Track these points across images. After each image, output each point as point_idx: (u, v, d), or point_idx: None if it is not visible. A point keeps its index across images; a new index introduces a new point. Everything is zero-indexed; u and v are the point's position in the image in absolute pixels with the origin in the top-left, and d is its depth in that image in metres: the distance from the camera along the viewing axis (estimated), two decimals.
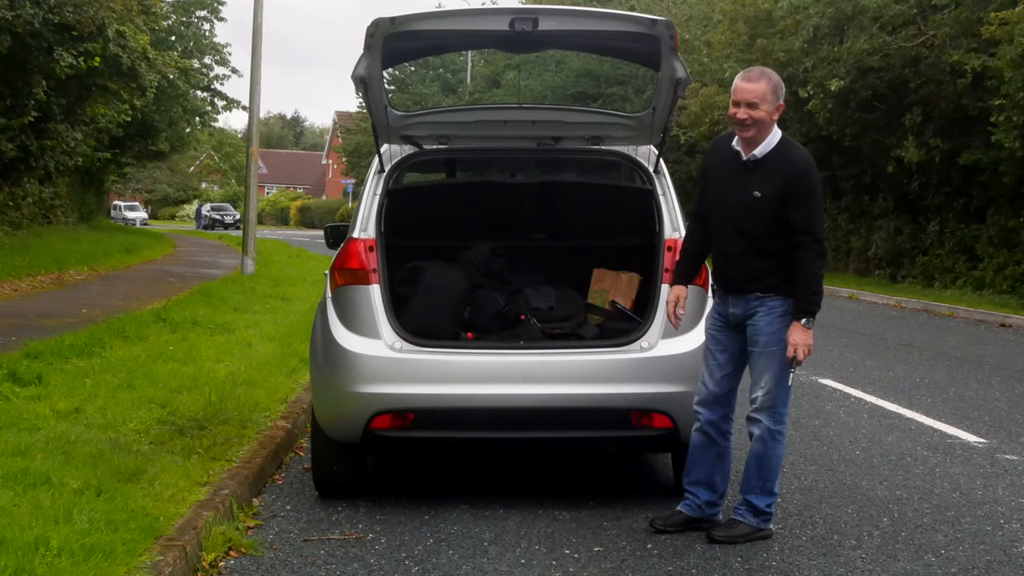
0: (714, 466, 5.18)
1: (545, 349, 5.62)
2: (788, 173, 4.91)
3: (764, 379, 4.99)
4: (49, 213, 30.15)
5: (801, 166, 4.96)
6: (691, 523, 5.18)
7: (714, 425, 5.14)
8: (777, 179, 4.91)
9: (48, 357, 8.38)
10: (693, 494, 5.21)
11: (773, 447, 5.02)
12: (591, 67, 36.26)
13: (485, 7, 6.40)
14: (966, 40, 19.23)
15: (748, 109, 4.89)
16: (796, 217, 4.88)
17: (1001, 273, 19.50)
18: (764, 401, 4.99)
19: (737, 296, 5.06)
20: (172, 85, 30.24)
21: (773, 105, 4.92)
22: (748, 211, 4.97)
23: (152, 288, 16.62)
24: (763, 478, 5.05)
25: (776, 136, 5.00)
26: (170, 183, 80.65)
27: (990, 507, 5.78)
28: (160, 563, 4.17)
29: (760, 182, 4.94)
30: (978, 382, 10.13)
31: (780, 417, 5.02)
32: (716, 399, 5.12)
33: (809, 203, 4.92)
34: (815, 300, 4.90)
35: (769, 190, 4.91)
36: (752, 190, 4.95)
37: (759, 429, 5.01)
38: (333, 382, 5.46)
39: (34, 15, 17.15)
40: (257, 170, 20.45)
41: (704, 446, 5.17)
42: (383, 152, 6.05)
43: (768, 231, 4.95)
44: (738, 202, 5.00)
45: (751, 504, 5.08)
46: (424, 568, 4.65)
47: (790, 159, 4.96)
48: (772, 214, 4.92)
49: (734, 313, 5.08)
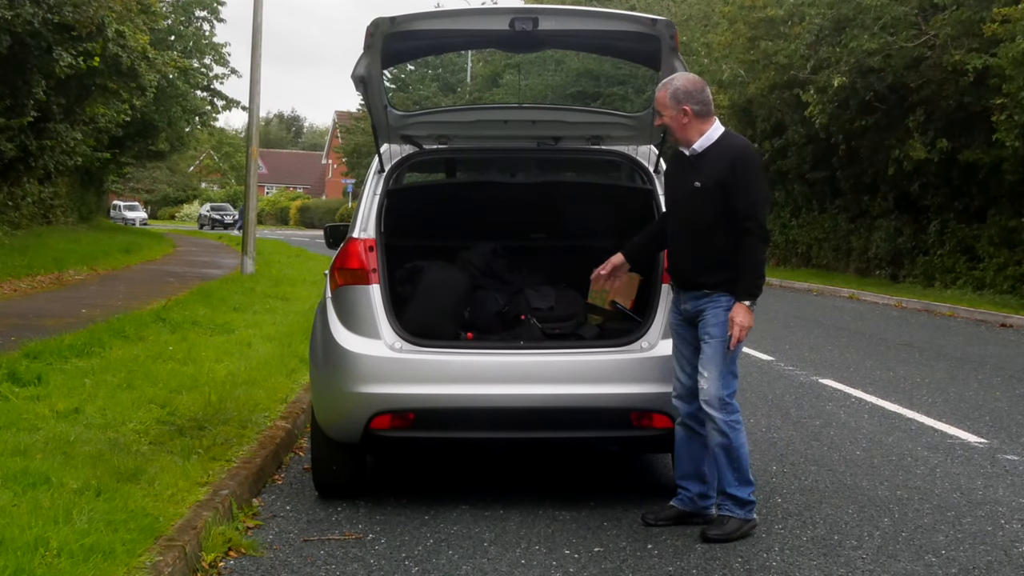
0: (701, 456, 5.26)
1: (545, 349, 5.62)
2: (727, 162, 5.06)
3: (708, 370, 5.08)
4: (49, 213, 30.15)
5: (740, 154, 5.11)
6: (683, 517, 5.25)
7: (693, 416, 5.22)
8: (717, 170, 5.07)
9: (47, 357, 8.38)
10: (685, 488, 5.29)
11: (735, 437, 5.08)
12: (591, 67, 36.28)
13: (485, 7, 6.39)
14: (968, 40, 19.22)
15: (659, 116, 5.19)
16: (739, 204, 5.03)
17: (1002, 273, 19.49)
18: (710, 394, 5.06)
19: (687, 292, 5.19)
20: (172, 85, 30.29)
21: (675, 109, 5.10)
22: (691, 203, 5.14)
23: (152, 288, 16.62)
24: (736, 469, 5.10)
25: (717, 130, 5.16)
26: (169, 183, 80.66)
27: (991, 507, 5.77)
28: (160, 563, 4.17)
29: (701, 174, 5.11)
30: (979, 382, 10.13)
31: (731, 407, 5.09)
32: (691, 391, 5.20)
33: (751, 190, 5.06)
34: (758, 284, 5.07)
35: (709, 180, 5.07)
36: (693, 181, 5.11)
37: (715, 424, 5.08)
38: (333, 382, 5.45)
39: (33, 15, 17.14)
40: (257, 170, 20.44)
41: (688, 439, 5.25)
42: (383, 152, 6.05)
43: (711, 223, 5.08)
44: (683, 195, 5.19)
45: (734, 497, 5.12)
46: (424, 568, 4.64)
47: (728, 149, 5.12)
48: (714, 205, 5.06)
49: (685, 309, 5.22)
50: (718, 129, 5.17)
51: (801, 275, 25.58)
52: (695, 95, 5.12)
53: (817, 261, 27.15)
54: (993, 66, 17.86)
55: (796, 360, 11.37)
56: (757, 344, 12.43)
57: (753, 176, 5.10)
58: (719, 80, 26.60)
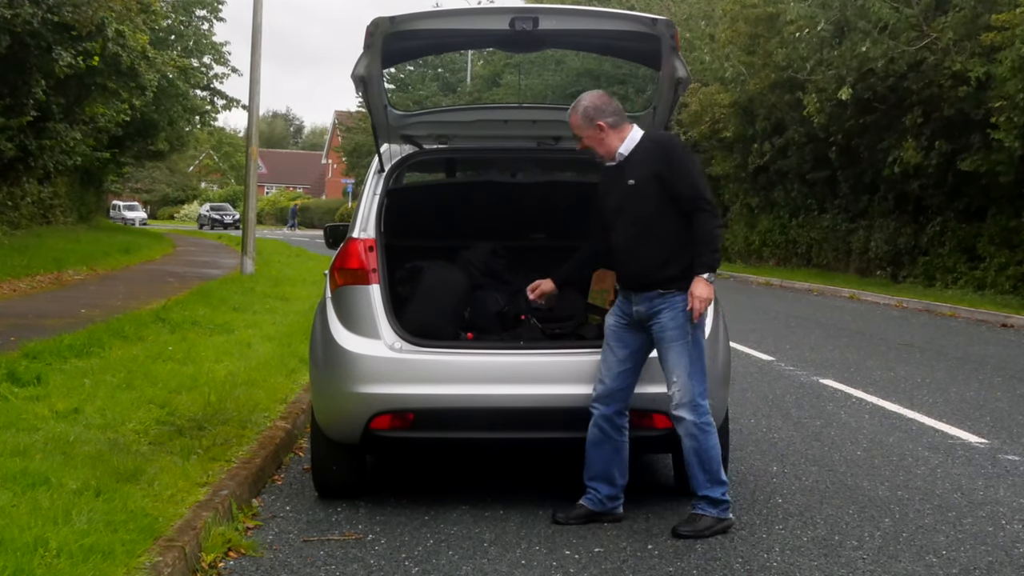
0: (611, 461, 5.27)
1: (545, 349, 5.61)
2: (658, 156, 5.15)
3: (675, 374, 5.09)
4: (48, 213, 30.14)
5: (668, 145, 5.23)
6: (592, 516, 5.29)
7: (609, 420, 5.21)
8: (648, 166, 5.13)
9: (47, 357, 8.37)
10: (594, 489, 5.31)
11: (705, 439, 5.08)
12: (591, 66, 36.27)
13: (485, 6, 6.39)
14: (970, 43, 19.20)
15: (577, 141, 5.30)
16: (682, 190, 5.09)
17: (1003, 273, 19.47)
18: (681, 397, 5.07)
19: (640, 294, 5.18)
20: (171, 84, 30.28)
21: (590, 128, 5.20)
22: (628, 201, 5.18)
23: (151, 288, 16.61)
24: (708, 471, 5.10)
25: (637, 132, 5.25)
26: (169, 183, 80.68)
27: (992, 508, 5.76)
28: (159, 564, 4.16)
29: (632, 173, 5.17)
30: (979, 382, 10.12)
31: (702, 408, 5.09)
32: (612, 394, 5.20)
33: (688, 173, 5.13)
34: (715, 256, 5.09)
35: (642, 175, 5.14)
36: (627, 180, 5.17)
37: (685, 427, 5.08)
38: (333, 382, 5.44)
39: (33, 14, 17.14)
40: (257, 170, 20.43)
41: (600, 441, 5.25)
42: (383, 152, 6.04)
43: (652, 217, 5.13)
44: (619, 197, 5.22)
45: (708, 497, 5.12)
46: (424, 569, 4.63)
47: (654, 144, 5.22)
48: (653, 198, 5.12)
49: (638, 311, 5.19)
50: (638, 132, 5.27)
51: (801, 275, 25.58)
52: (605, 109, 5.21)
53: (817, 261, 27.15)
54: (995, 75, 17.83)
55: (797, 360, 11.36)
56: (758, 344, 12.44)
57: (687, 161, 5.20)
58: (722, 77, 26.60)
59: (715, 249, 5.09)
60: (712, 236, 5.08)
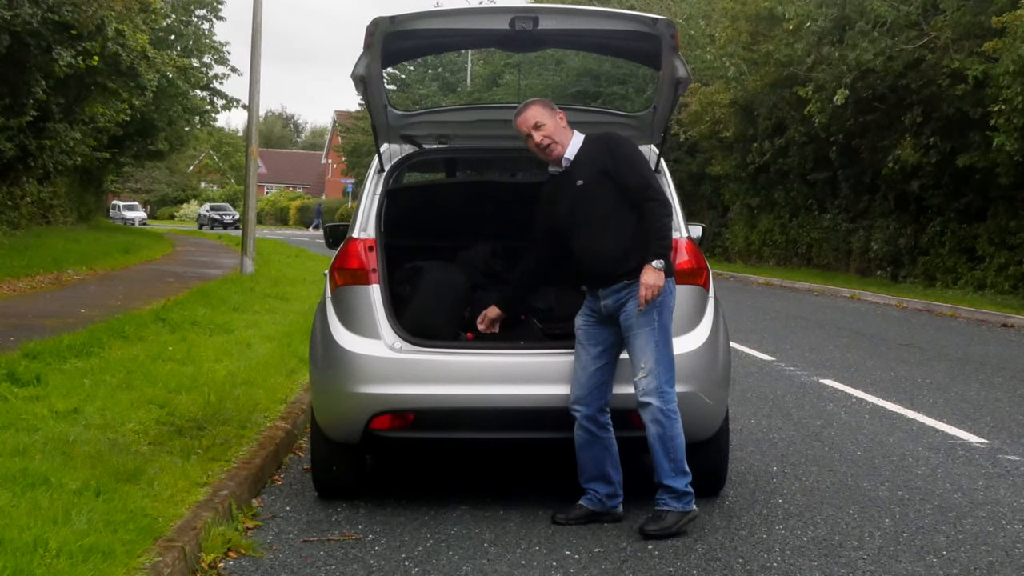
0: (603, 460, 5.29)
1: (545, 349, 5.60)
2: (600, 154, 5.23)
3: (643, 361, 5.10)
4: (48, 213, 30.13)
5: (609, 141, 5.32)
6: (593, 516, 5.30)
7: (592, 420, 5.23)
8: (594, 165, 5.22)
9: (47, 357, 8.36)
10: (593, 490, 5.32)
11: (670, 427, 5.08)
12: (591, 66, 36.25)
13: (485, 6, 6.38)
14: (968, 42, 19.20)
15: (538, 131, 5.27)
16: (631, 181, 5.17)
17: (1003, 273, 19.47)
18: (647, 384, 5.08)
19: (606, 288, 5.22)
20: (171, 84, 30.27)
21: (553, 116, 5.30)
22: (580, 202, 5.24)
23: (151, 288, 16.61)
24: (672, 459, 5.10)
25: (579, 137, 5.34)
26: (169, 183, 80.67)
27: (992, 508, 5.76)
28: (159, 564, 4.15)
29: (579, 174, 5.25)
30: (980, 383, 10.11)
31: (668, 396, 5.10)
32: (590, 393, 5.22)
33: (634, 165, 5.22)
34: (665, 244, 5.14)
35: (590, 175, 5.21)
36: (575, 182, 5.24)
37: (651, 413, 5.08)
38: (333, 382, 5.44)
39: (33, 14, 17.13)
40: (256, 170, 20.42)
41: (588, 443, 5.27)
42: (383, 151, 6.03)
43: (605, 212, 5.21)
44: (571, 200, 5.27)
45: (670, 488, 5.11)
46: (424, 569, 4.63)
47: (595, 143, 5.31)
48: (603, 194, 5.20)
49: (607, 305, 5.23)
50: (579, 136, 5.34)
51: (802, 275, 25.57)
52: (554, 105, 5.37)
53: (818, 261, 27.15)
54: (992, 75, 17.82)
55: (797, 360, 11.36)
56: (758, 344, 12.43)
57: (632, 152, 5.28)
58: (724, 76, 26.58)
59: (665, 237, 5.15)
60: (663, 225, 5.15)
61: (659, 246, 5.10)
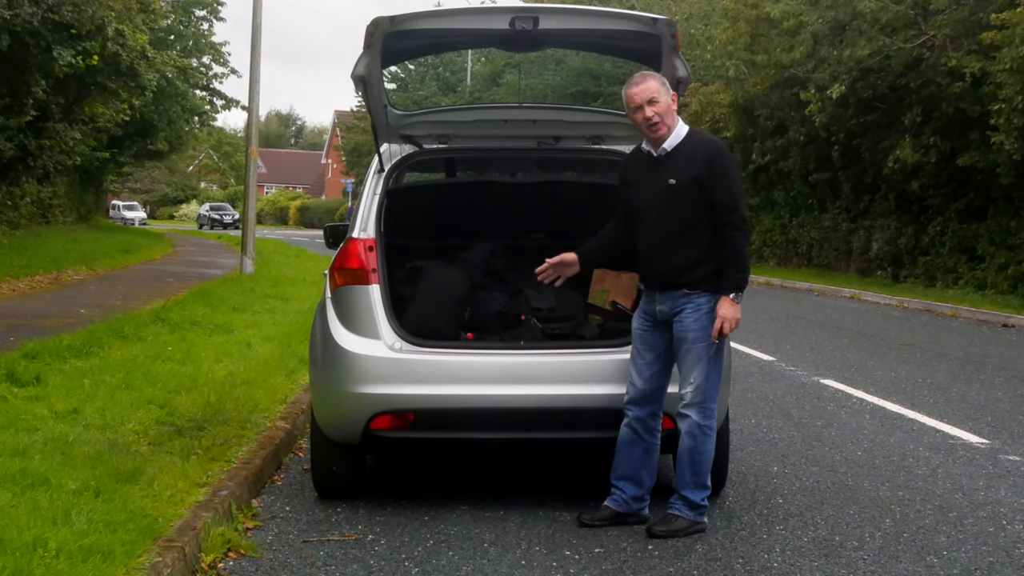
0: (641, 462, 5.25)
1: (545, 349, 5.60)
2: (701, 159, 5.06)
3: (693, 375, 5.07)
4: (47, 213, 30.14)
5: (713, 149, 5.12)
6: (618, 517, 5.26)
7: (642, 422, 5.21)
8: (691, 167, 5.05)
9: (46, 357, 8.36)
10: (620, 489, 5.28)
11: (703, 441, 5.07)
12: (591, 66, 36.27)
13: (486, 6, 6.38)
14: (966, 41, 19.19)
15: (651, 107, 5.05)
16: (719, 198, 5.03)
17: (1003, 273, 19.46)
18: (693, 397, 5.06)
19: (664, 293, 5.14)
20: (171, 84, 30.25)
21: (668, 95, 5.11)
22: (666, 201, 5.09)
23: (151, 288, 16.60)
24: (696, 472, 5.10)
25: (683, 129, 5.17)
26: (168, 183, 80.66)
27: (992, 508, 5.76)
28: (159, 564, 4.15)
29: (674, 172, 5.08)
30: (980, 383, 10.11)
31: (709, 412, 5.08)
32: (645, 396, 5.18)
33: (728, 182, 5.07)
34: (743, 276, 5.04)
35: (684, 177, 5.05)
36: (667, 179, 5.08)
37: (688, 425, 5.08)
38: (333, 382, 5.44)
39: (33, 14, 17.12)
40: (256, 170, 20.42)
41: (631, 442, 5.24)
42: (383, 151, 6.03)
43: (687, 219, 5.06)
44: (656, 195, 5.13)
45: (686, 499, 5.12)
46: (424, 570, 4.62)
47: (700, 145, 5.13)
48: (690, 201, 5.05)
49: (662, 311, 5.16)
50: (684, 128, 5.20)
51: (802, 275, 25.57)
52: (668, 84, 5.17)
53: (818, 261, 27.14)
54: (991, 73, 17.81)
55: (797, 360, 11.35)
56: (758, 344, 12.43)
57: (730, 168, 5.13)
58: (724, 76, 26.57)
59: (743, 268, 5.04)
60: (741, 255, 5.04)
61: (737, 279, 5.01)
